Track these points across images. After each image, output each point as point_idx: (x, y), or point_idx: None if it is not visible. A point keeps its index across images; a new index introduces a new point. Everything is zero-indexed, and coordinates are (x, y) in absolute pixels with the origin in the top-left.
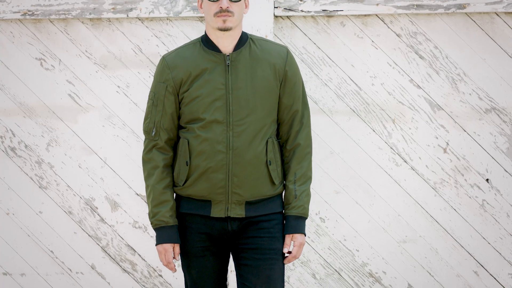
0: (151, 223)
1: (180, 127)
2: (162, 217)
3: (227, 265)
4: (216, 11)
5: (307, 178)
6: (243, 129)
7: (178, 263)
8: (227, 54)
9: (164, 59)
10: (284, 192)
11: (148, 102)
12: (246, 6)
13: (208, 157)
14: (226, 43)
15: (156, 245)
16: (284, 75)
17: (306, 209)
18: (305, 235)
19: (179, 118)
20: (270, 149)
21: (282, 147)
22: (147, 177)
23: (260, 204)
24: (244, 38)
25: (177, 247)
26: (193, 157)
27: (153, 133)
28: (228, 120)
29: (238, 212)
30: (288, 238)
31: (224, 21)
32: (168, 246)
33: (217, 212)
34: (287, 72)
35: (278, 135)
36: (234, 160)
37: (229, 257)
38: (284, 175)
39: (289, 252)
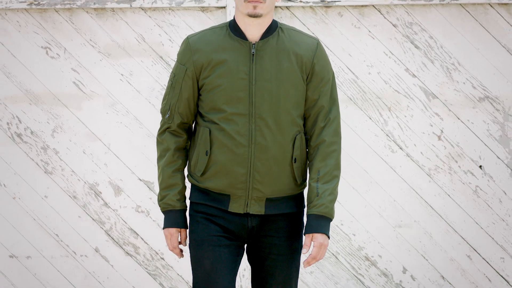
0: (159, 206)
1: (200, 114)
2: (169, 201)
3: (239, 263)
4: None
5: (332, 177)
6: (267, 122)
7: (185, 249)
8: (253, 43)
9: (187, 40)
10: (307, 191)
11: (168, 83)
12: None
13: (229, 149)
14: (253, 31)
15: (163, 228)
16: (311, 69)
17: (330, 209)
18: (328, 237)
19: (197, 104)
20: (297, 145)
21: (308, 145)
22: (158, 158)
23: (280, 202)
24: (273, 27)
25: (183, 232)
26: (214, 148)
27: (167, 115)
28: (251, 112)
29: (258, 209)
30: (307, 238)
31: (255, 7)
32: (174, 231)
33: (235, 207)
34: (314, 65)
35: (305, 129)
36: (257, 154)
37: (243, 254)
38: (308, 173)
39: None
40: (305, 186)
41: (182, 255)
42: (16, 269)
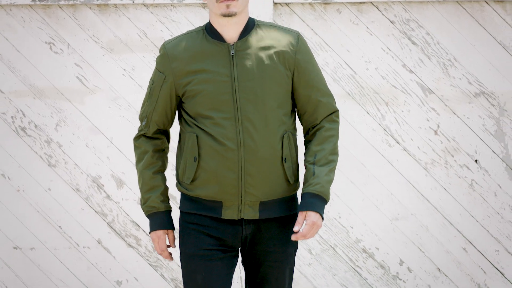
0: (143, 210)
1: (185, 120)
2: (153, 203)
3: (232, 275)
4: None
5: (329, 161)
6: (254, 123)
7: (173, 250)
8: (231, 44)
9: (164, 47)
10: (304, 173)
11: (147, 89)
12: None
13: (218, 154)
14: (230, 32)
15: (149, 232)
16: (295, 65)
17: (325, 189)
18: (322, 218)
19: (180, 110)
20: (286, 145)
21: (307, 134)
22: (137, 162)
23: (274, 205)
24: (250, 25)
25: (171, 234)
26: (202, 154)
27: (144, 122)
28: (237, 114)
29: (252, 214)
30: (300, 216)
31: (228, 6)
32: (161, 233)
33: (228, 214)
34: (299, 61)
35: (303, 125)
36: (247, 157)
37: (237, 262)
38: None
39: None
40: (298, 187)
41: (171, 258)
42: (20, 260)
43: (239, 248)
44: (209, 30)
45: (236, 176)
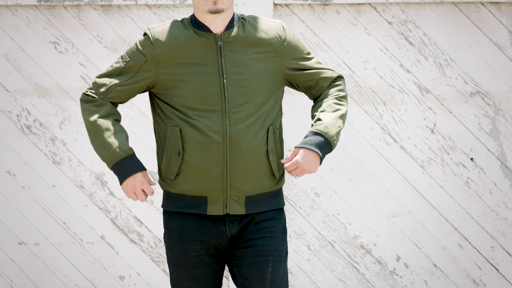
0: (109, 160)
1: (165, 114)
2: (123, 147)
3: (222, 277)
4: None
5: (335, 109)
6: (241, 116)
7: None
8: (218, 35)
9: (150, 31)
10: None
11: (117, 63)
12: None
13: (202, 147)
14: (217, 26)
15: (121, 183)
16: (285, 55)
17: (330, 130)
18: (321, 157)
19: (159, 104)
20: (270, 138)
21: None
22: (87, 113)
23: (260, 200)
24: (235, 19)
25: (146, 175)
26: (186, 147)
27: (102, 89)
28: (224, 107)
29: (238, 209)
30: (293, 152)
31: (215, 3)
32: (141, 176)
33: (214, 209)
34: (288, 51)
35: (311, 98)
36: (232, 150)
37: (224, 267)
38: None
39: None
40: (283, 182)
41: (152, 192)
42: (25, 255)
43: (226, 251)
44: (195, 23)
45: (221, 170)
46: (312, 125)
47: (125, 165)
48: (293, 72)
